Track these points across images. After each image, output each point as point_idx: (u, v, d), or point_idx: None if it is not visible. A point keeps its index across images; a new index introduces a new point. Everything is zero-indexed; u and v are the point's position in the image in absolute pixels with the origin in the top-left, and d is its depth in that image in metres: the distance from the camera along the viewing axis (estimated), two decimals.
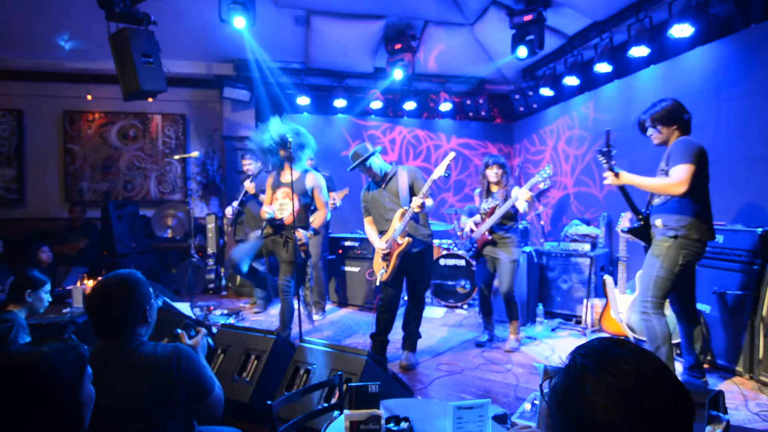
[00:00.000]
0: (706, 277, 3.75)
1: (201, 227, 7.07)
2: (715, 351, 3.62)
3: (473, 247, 4.31)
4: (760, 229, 3.41)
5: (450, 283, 5.77)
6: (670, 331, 2.99)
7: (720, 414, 2.03)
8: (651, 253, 3.01)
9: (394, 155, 7.94)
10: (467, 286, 5.68)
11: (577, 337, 4.65)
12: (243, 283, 6.45)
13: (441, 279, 5.78)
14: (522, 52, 5.27)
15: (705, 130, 4.46)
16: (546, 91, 6.38)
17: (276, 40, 6.43)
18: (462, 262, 5.67)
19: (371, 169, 3.82)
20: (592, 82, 6.06)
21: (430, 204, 3.68)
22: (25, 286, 2.95)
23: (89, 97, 6.84)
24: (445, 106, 7.47)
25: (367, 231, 4.00)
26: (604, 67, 5.28)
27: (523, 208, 4.02)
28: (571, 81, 5.82)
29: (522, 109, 7.46)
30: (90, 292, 1.79)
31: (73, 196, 7.20)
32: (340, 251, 5.91)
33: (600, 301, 4.56)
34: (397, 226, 3.65)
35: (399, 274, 3.80)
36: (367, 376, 2.57)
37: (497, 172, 4.17)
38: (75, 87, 6.95)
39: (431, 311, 5.52)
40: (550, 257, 5.20)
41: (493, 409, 2.82)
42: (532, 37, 5.14)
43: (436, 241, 5.99)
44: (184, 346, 1.78)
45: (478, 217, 4.29)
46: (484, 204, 4.26)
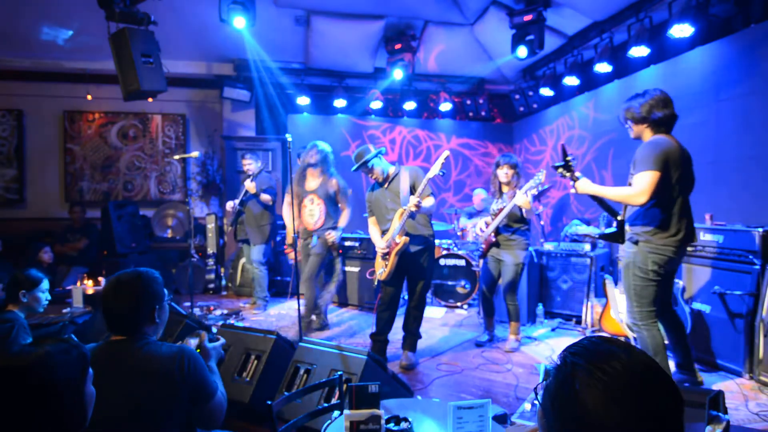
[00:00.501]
0: (706, 277, 3.75)
1: (201, 227, 7.07)
2: (715, 351, 3.62)
3: (481, 247, 4.32)
4: (760, 229, 3.40)
5: (450, 283, 5.76)
6: (663, 340, 2.90)
7: (720, 414, 2.03)
8: (624, 260, 2.92)
9: (394, 155, 7.94)
10: (467, 286, 5.68)
11: (577, 337, 4.65)
12: (243, 283, 6.45)
13: (441, 279, 5.78)
14: (522, 52, 5.27)
15: (705, 130, 4.47)
16: (546, 91, 6.38)
17: (276, 40, 6.43)
18: (462, 262, 5.67)
19: (373, 170, 3.83)
20: (592, 82, 6.06)
21: (430, 204, 3.67)
22: (19, 286, 2.93)
23: (89, 97, 6.84)
24: (445, 106, 7.47)
25: (369, 231, 4.02)
26: (604, 67, 5.28)
27: (523, 213, 4.04)
28: (571, 81, 5.82)
29: (522, 109, 7.47)
30: (105, 285, 1.83)
31: (73, 196, 7.20)
32: (341, 251, 5.90)
33: (600, 301, 4.56)
34: (396, 226, 3.65)
35: (399, 274, 3.80)
36: (367, 376, 2.57)
37: (507, 172, 4.14)
38: (75, 87, 6.95)
39: (431, 311, 5.51)
40: (550, 257, 5.20)
41: (493, 409, 2.82)
42: (532, 37, 5.14)
43: (436, 241, 5.98)
44: (190, 348, 1.78)
45: (489, 218, 4.27)
46: (494, 204, 4.24)
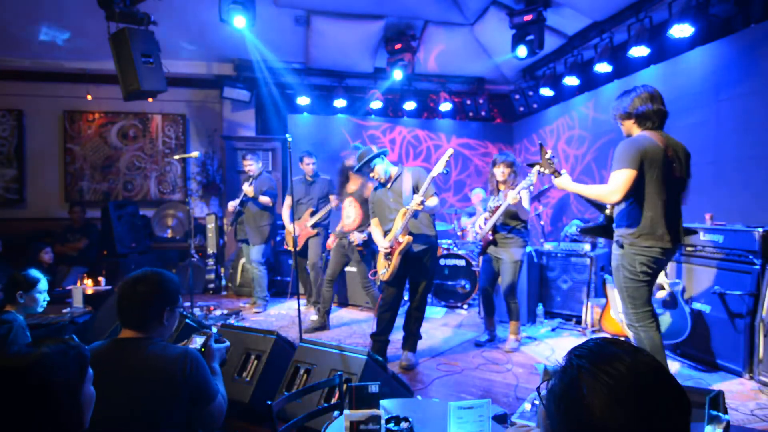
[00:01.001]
0: (706, 277, 3.75)
1: (201, 227, 7.07)
2: (715, 351, 3.62)
3: (479, 246, 4.33)
4: (760, 229, 3.40)
5: (450, 283, 5.76)
6: (661, 341, 2.86)
7: (720, 414, 2.03)
8: (613, 263, 2.88)
9: (394, 155, 7.94)
10: (467, 286, 5.68)
11: (577, 337, 4.64)
12: (243, 283, 6.45)
13: (441, 279, 5.78)
14: (522, 51, 5.28)
15: (705, 130, 4.47)
16: (546, 91, 6.38)
17: (276, 40, 6.42)
18: (462, 262, 5.67)
19: (375, 170, 3.82)
20: (592, 82, 6.06)
21: (434, 203, 3.64)
22: (16, 287, 2.92)
23: (89, 97, 6.84)
24: (445, 106, 7.47)
25: (372, 231, 4.01)
26: (604, 67, 5.28)
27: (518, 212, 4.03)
28: (571, 81, 5.82)
29: (522, 109, 7.47)
30: (127, 276, 1.86)
31: (73, 196, 7.20)
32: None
33: (600, 301, 4.56)
34: (399, 225, 3.65)
35: (401, 274, 3.80)
36: (367, 376, 2.56)
37: (504, 171, 4.15)
38: (75, 87, 6.95)
39: (431, 311, 5.51)
40: (550, 257, 5.20)
41: (493, 409, 2.82)
42: (531, 37, 5.14)
43: None
44: (194, 350, 1.79)
45: (487, 214, 4.27)
46: (491, 202, 4.25)
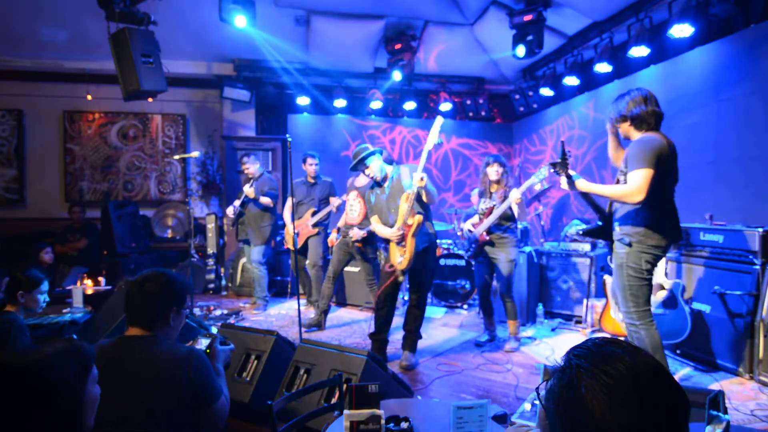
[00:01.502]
0: (706, 277, 3.75)
1: (201, 227, 7.07)
2: (715, 351, 3.62)
3: (471, 247, 4.32)
4: (760, 229, 3.40)
5: (450, 283, 5.76)
6: (660, 339, 2.87)
7: (720, 414, 2.03)
8: (614, 263, 2.90)
9: (394, 155, 7.94)
10: (467, 286, 5.68)
11: (576, 337, 4.64)
12: (243, 283, 6.45)
13: (441, 279, 5.78)
14: (520, 51, 5.29)
15: (705, 130, 4.47)
16: (546, 91, 6.38)
17: (276, 40, 6.43)
18: (462, 262, 5.67)
19: (371, 168, 3.82)
20: (592, 82, 6.06)
21: (433, 190, 3.64)
22: (18, 287, 2.93)
23: (89, 97, 6.84)
24: (445, 106, 7.47)
25: (375, 228, 3.96)
26: (604, 67, 5.28)
27: (515, 212, 4.04)
28: (571, 81, 5.82)
29: (522, 109, 7.47)
30: (137, 275, 1.89)
31: (73, 196, 7.20)
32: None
33: (600, 301, 4.56)
34: (406, 209, 3.63)
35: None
36: (367, 376, 2.56)
37: (498, 170, 4.18)
38: (75, 87, 6.95)
39: (431, 311, 5.51)
40: (550, 257, 5.20)
41: (493, 409, 2.82)
42: (530, 37, 5.15)
43: (436, 241, 5.98)
44: (199, 350, 1.80)
45: (476, 218, 4.31)
46: (482, 204, 4.27)
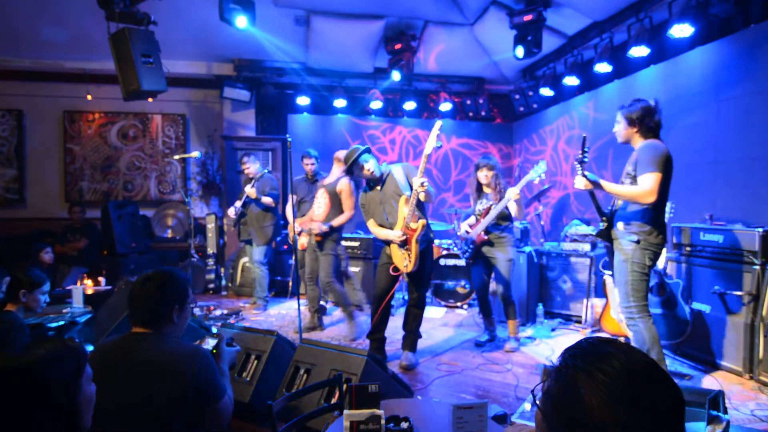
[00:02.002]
0: (706, 277, 3.75)
1: (201, 227, 7.07)
2: (715, 351, 3.62)
3: (469, 249, 4.31)
4: (760, 229, 3.40)
5: (450, 283, 5.77)
6: (656, 332, 2.95)
7: (720, 414, 2.03)
8: (618, 258, 3.01)
9: (394, 155, 7.94)
10: (467, 286, 5.68)
11: (577, 337, 4.65)
12: (243, 283, 6.45)
13: (441, 279, 5.78)
14: (519, 52, 5.30)
15: (705, 130, 4.47)
16: (546, 91, 6.38)
17: (276, 40, 6.43)
18: (462, 262, 5.67)
19: (365, 167, 3.76)
20: (592, 82, 6.06)
21: (431, 191, 3.64)
22: (20, 286, 2.94)
23: (89, 97, 6.84)
24: (445, 106, 7.47)
25: (374, 231, 3.93)
26: (604, 67, 5.27)
27: (514, 210, 4.04)
28: (571, 81, 5.82)
29: (522, 109, 7.46)
30: (137, 277, 1.91)
31: (73, 196, 7.20)
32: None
33: (600, 301, 4.56)
34: (406, 212, 3.62)
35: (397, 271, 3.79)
36: (367, 376, 2.56)
37: (487, 174, 4.19)
38: (75, 87, 6.95)
39: (431, 311, 5.51)
40: (550, 257, 5.20)
41: (493, 409, 2.82)
42: (529, 37, 5.15)
43: (436, 241, 5.99)
44: (205, 349, 1.82)
45: (472, 219, 4.31)
46: (478, 205, 4.27)
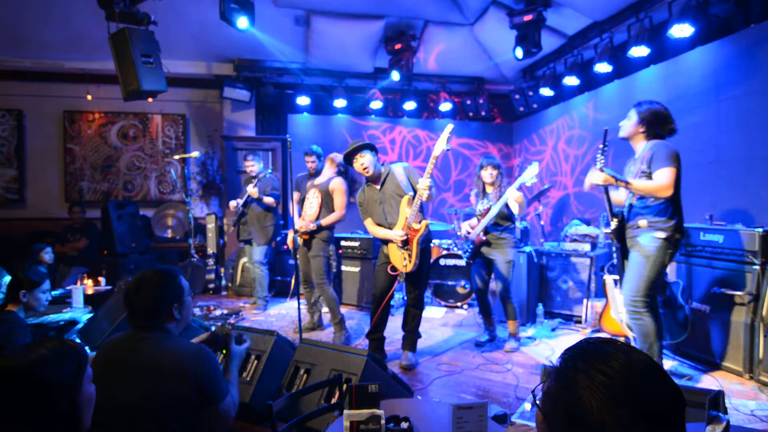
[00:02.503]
0: (706, 277, 3.75)
1: (201, 227, 7.07)
2: (714, 351, 3.62)
3: (470, 248, 4.32)
4: (760, 229, 3.40)
5: (450, 283, 5.77)
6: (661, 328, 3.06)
7: (720, 414, 2.03)
8: (638, 252, 3.04)
9: (394, 155, 7.94)
10: (467, 286, 5.68)
11: (577, 337, 4.65)
12: (243, 283, 6.45)
13: (441, 279, 5.78)
14: (519, 52, 5.30)
15: (705, 130, 4.47)
16: (546, 91, 6.38)
17: (276, 40, 6.43)
18: (462, 262, 5.67)
19: (364, 159, 3.75)
20: (592, 82, 6.06)
21: (433, 192, 3.62)
22: (20, 286, 2.94)
23: (89, 97, 6.84)
24: (445, 106, 7.47)
25: (372, 231, 3.92)
26: (604, 67, 5.28)
27: (516, 209, 4.03)
28: (571, 81, 5.82)
29: (522, 109, 7.47)
30: (129, 282, 1.89)
31: (73, 196, 7.20)
32: (339, 251, 5.91)
33: (600, 301, 4.56)
34: (409, 213, 3.60)
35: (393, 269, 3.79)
36: (367, 376, 2.56)
37: (492, 173, 4.19)
38: (75, 87, 6.95)
39: (431, 311, 5.52)
40: (550, 257, 5.20)
41: (493, 409, 2.82)
42: (528, 37, 5.16)
43: (436, 241, 6.00)
44: (208, 349, 1.82)
45: (474, 220, 4.30)
46: (479, 205, 4.27)
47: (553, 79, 6.37)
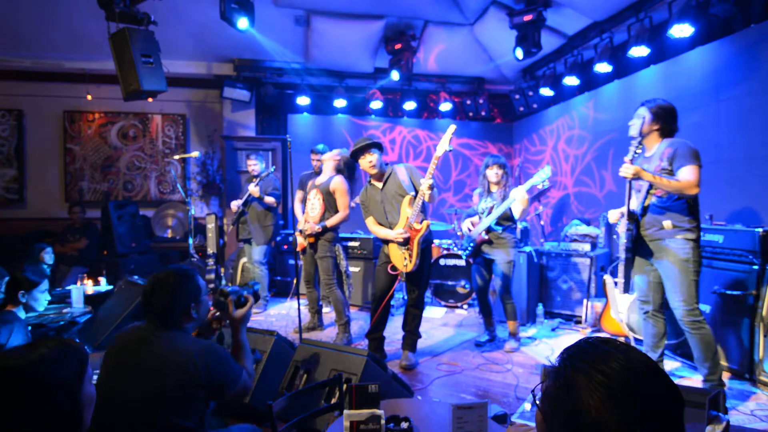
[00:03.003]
0: (706, 277, 3.73)
1: (201, 227, 7.07)
2: None
3: (470, 247, 4.31)
4: (760, 229, 3.40)
5: (450, 283, 5.76)
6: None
7: (720, 414, 2.03)
8: (675, 259, 2.92)
9: (394, 155, 7.94)
10: (467, 286, 5.68)
11: (577, 337, 4.65)
12: (243, 283, 6.43)
13: (441, 279, 5.78)
14: (518, 53, 5.30)
15: (705, 130, 4.46)
16: (546, 91, 6.38)
17: (276, 40, 6.43)
18: (462, 262, 5.67)
19: (371, 158, 3.76)
20: (592, 82, 6.06)
21: (435, 192, 3.63)
22: (18, 287, 2.94)
23: (89, 97, 6.84)
24: (445, 106, 7.46)
25: (373, 229, 3.92)
26: (604, 67, 5.28)
27: (518, 211, 4.03)
28: (571, 81, 5.82)
29: (522, 109, 7.46)
30: (146, 282, 1.91)
31: (73, 196, 7.20)
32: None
33: (600, 301, 4.56)
34: (410, 213, 3.60)
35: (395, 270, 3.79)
36: (367, 376, 2.56)
37: (497, 172, 4.18)
38: (75, 87, 6.95)
39: (431, 311, 5.52)
40: (550, 257, 5.20)
41: (493, 409, 2.82)
42: (528, 38, 5.16)
43: (436, 241, 5.99)
44: (215, 344, 1.84)
45: (476, 217, 4.31)
46: (482, 204, 4.27)
47: (553, 79, 6.36)
